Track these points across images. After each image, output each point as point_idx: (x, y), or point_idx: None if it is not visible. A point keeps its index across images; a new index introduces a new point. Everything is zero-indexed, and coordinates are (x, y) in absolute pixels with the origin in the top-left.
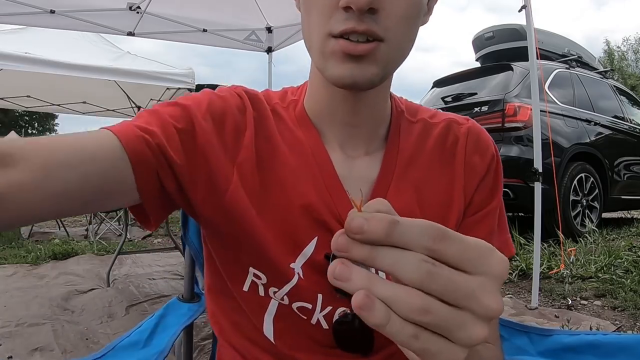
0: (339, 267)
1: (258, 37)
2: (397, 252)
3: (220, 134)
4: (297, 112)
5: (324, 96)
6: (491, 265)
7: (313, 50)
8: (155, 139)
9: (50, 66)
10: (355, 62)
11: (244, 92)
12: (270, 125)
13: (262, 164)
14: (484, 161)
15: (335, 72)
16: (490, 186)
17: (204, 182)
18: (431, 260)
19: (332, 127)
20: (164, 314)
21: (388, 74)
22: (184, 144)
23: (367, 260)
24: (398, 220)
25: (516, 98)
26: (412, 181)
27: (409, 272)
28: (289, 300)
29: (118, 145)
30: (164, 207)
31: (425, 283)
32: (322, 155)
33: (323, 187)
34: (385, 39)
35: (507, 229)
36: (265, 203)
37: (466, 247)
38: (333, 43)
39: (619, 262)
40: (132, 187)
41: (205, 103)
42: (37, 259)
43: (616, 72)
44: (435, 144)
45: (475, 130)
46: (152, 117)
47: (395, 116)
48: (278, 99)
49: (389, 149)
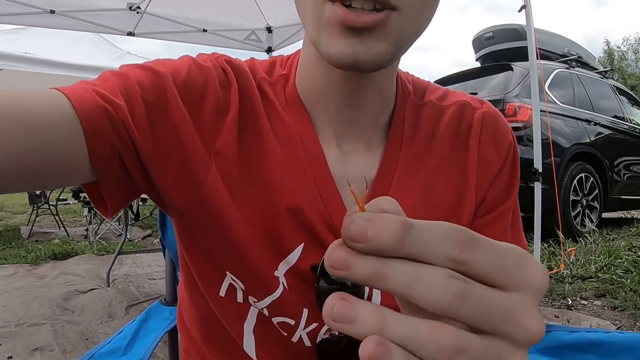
0: (338, 305)
1: (258, 37)
2: (415, 266)
3: (199, 113)
4: (288, 91)
5: (318, 76)
6: (531, 277)
7: (306, 17)
8: (120, 113)
9: (50, 66)
10: (358, 36)
11: (228, 63)
12: (257, 106)
13: (245, 153)
14: (500, 153)
15: (333, 48)
16: (506, 183)
17: (176, 168)
18: (460, 276)
19: (327, 113)
20: (146, 318)
21: (400, 53)
22: (153, 122)
23: (375, 279)
24: (413, 223)
25: (516, 98)
26: (417, 179)
27: (433, 295)
28: (269, 313)
29: (71, 112)
30: (125, 193)
31: (454, 308)
32: (314, 148)
33: (313, 186)
34: (398, 7)
35: (521, 228)
36: (246, 199)
37: (500, 255)
38: (329, 9)
39: (619, 262)
40: (87, 164)
41: (183, 73)
42: (37, 259)
43: (616, 72)
44: (446, 132)
45: (491, 116)
46: (118, 81)
47: (400, 99)
48: (264, 72)
49: (391, 140)
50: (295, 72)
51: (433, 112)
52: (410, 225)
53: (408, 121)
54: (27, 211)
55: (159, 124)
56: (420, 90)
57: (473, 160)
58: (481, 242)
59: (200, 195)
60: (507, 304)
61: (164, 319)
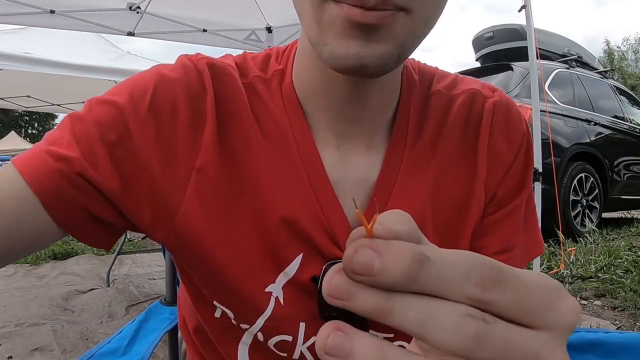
0: (333, 337)
1: (258, 37)
2: (427, 302)
3: (172, 134)
4: (285, 88)
5: (317, 70)
6: (560, 315)
7: (304, 16)
8: (75, 166)
9: (50, 66)
10: (364, 36)
11: (209, 67)
12: (242, 110)
13: (230, 165)
14: (512, 146)
15: (336, 50)
16: (518, 177)
17: (149, 202)
18: (480, 314)
19: (326, 111)
20: (146, 318)
21: (405, 55)
22: (118, 162)
23: (379, 314)
24: (429, 256)
25: (516, 98)
26: (423, 179)
27: (446, 336)
28: (263, 337)
29: (26, 191)
30: (109, 234)
31: (471, 351)
32: (309, 150)
33: (309, 192)
34: (408, 7)
35: (536, 223)
36: (235, 215)
37: (528, 293)
38: (333, 8)
39: (618, 262)
40: (58, 231)
41: (148, 95)
42: (37, 258)
43: (616, 72)
44: (454, 124)
45: (502, 105)
46: (75, 128)
47: (406, 91)
48: (258, 68)
49: (394, 139)
50: (292, 65)
51: (441, 103)
52: (426, 259)
53: (413, 115)
54: None
55: (125, 161)
56: (427, 78)
57: (483, 154)
58: (508, 279)
59: (175, 226)
60: (532, 345)
61: (164, 319)
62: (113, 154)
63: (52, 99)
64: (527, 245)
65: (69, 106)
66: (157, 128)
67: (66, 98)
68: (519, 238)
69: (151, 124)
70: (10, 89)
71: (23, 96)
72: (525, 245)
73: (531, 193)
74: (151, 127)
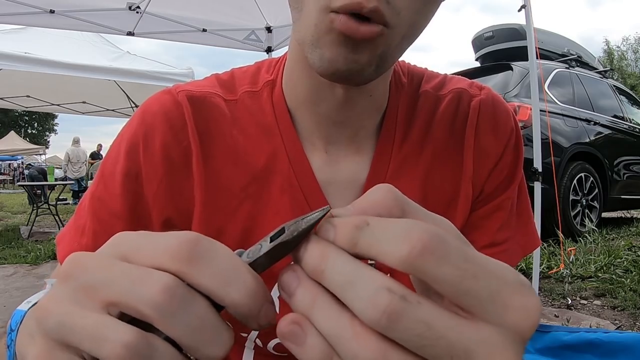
0: (286, 275)
1: (258, 37)
2: (355, 268)
3: (171, 174)
4: (275, 98)
5: (305, 78)
6: (508, 310)
7: (302, 22)
8: None
9: (50, 66)
10: (351, 48)
11: (188, 98)
12: (225, 132)
13: (217, 191)
14: (499, 142)
15: (325, 55)
16: (506, 173)
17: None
18: (400, 290)
19: (314, 117)
20: None
21: (385, 66)
22: (143, 224)
23: (315, 275)
24: (368, 222)
25: (516, 98)
26: (411, 180)
27: (360, 305)
28: (262, 342)
29: None
30: None
31: (383, 327)
32: (299, 156)
33: (301, 197)
34: (392, 25)
35: (530, 218)
36: (230, 231)
37: (474, 273)
38: (333, 18)
39: (618, 261)
40: None
41: (140, 154)
42: (37, 258)
43: (616, 72)
44: (441, 124)
45: (488, 102)
46: (95, 227)
47: (394, 94)
48: (248, 82)
49: (382, 142)
50: (282, 76)
51: (428, 103)
52: (364, 225)
53: (401, 117)
54: (27, 211)
55: (147, 220)
56: (416, 79)
57: (469, 151)
58: (451, 252)
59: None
60: (462, 338)
61: None
62: (134, 224)
63: (51, 98)
64: (522, 240)
65: (69, 106)
66: (165, 172)
67: (66, 98)
68: (509, 232)
69: (152, 175)
70: (10, 89)
71: (23, 96)
72: (519, 240)
73: (525, 189)
74: (155, 177)
